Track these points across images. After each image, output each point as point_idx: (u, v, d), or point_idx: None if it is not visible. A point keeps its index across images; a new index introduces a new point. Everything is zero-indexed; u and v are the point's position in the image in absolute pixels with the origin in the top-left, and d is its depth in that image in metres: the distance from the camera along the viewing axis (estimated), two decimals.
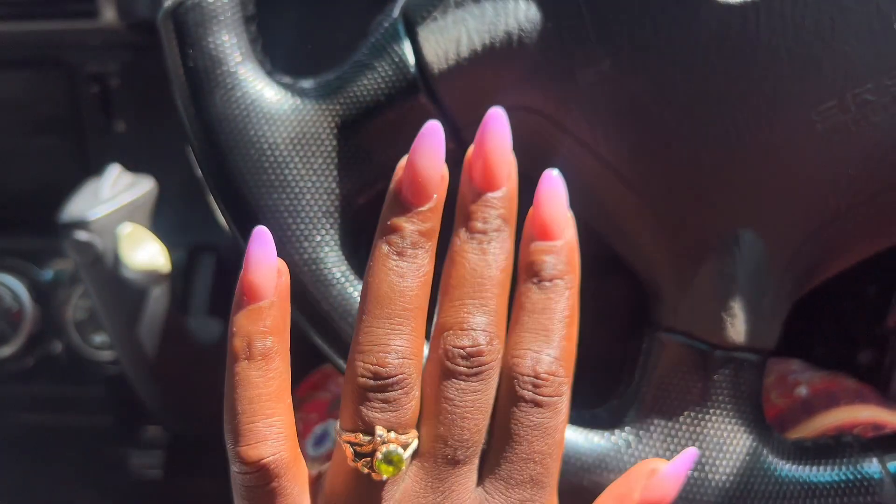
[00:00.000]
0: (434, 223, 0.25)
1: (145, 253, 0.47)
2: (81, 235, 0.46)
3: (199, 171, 0.32)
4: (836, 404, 0.54)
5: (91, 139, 0.63)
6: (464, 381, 0.25)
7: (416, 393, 0.25)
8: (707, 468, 0.31)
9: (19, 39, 0.59)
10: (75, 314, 0.62)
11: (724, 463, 0.32)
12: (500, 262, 0.26)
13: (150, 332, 0.51)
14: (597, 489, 0.31)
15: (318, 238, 0.32)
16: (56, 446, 0.71)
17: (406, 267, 0.25)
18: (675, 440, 0.32)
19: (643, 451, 0.32)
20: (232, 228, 0.32)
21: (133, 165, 0.56)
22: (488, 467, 0.26)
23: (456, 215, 0.26)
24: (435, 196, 0.25)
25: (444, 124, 0.31)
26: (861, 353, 0.82)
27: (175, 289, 0.55)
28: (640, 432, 0.32)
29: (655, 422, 0.32)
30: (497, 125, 0.26)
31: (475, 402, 0.25)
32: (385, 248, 0.25)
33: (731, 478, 0.31)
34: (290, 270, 0.32)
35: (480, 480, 0.26)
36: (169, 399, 0.57)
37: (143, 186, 0.51)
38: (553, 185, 0.26)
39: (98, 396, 0.65)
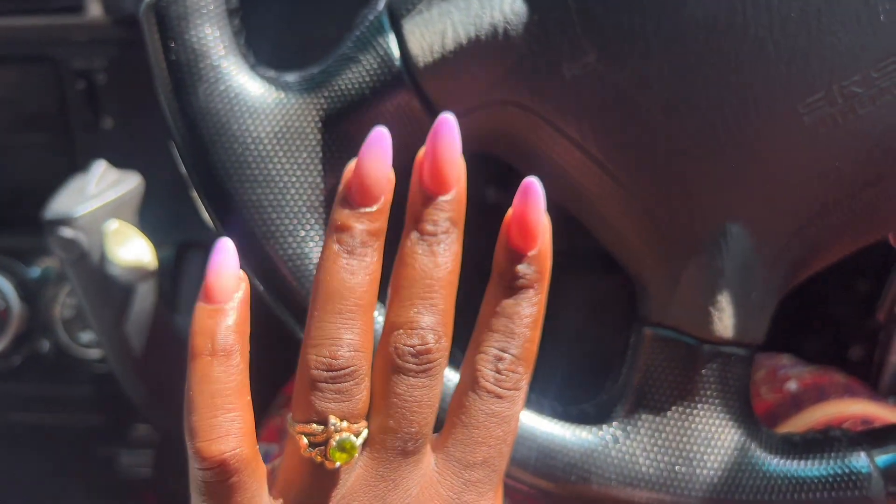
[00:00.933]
0: (382, 223, 0.26)
1: (132, 249, 0.47)
2: (66, 232, 0.45)
3: (183, 167, 0.32)
4: (825, 399, 0.54)
5: (77, 136, 0.62)
6: (413, 377, 0.26)
7: (367, 385, 0.26)
8: (695, 463, 0.31)
9: (4, 35, 0.59)
10: (63, 312, 0.61)
11: (713, 458, 0.31)
12: (448, 264, 0.26)
13: (137, 329, 0.51)
14: (586, 484, 0.31)
15: (303, 233, 0.32)
16: (44, 445, 0.71)
17: (356, 265, 0.26)
18: (663, 435, 0.32)
19: (631, 445, 0.32)
20: (216, 224, 0.32)
21: (120, 162, 0.55)
22: (443, 451, 0.27)
23: (406, 217, 0.27)
24: (382, 198, 0.26)
25: (428, 118, 0.31)
26: (851, 348, 0.82)
27: (163, 286, 0.55)
28: (628, 427, 0.32)
29: (643, 417, 0.32)
30: (447, 129, 0.26)
31: (423, 397, 0.26)
32: (336, 246, 0.26)
33: (720, 472, 0.31)
34: (275, 266, 0.32)
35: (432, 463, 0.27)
36: (157, 397, 0.57)
37: (129, 183, 0.50)
38: (532, 193, 0.27)
39: (86, 395, 0.65)
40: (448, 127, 0.26)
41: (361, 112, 0.31)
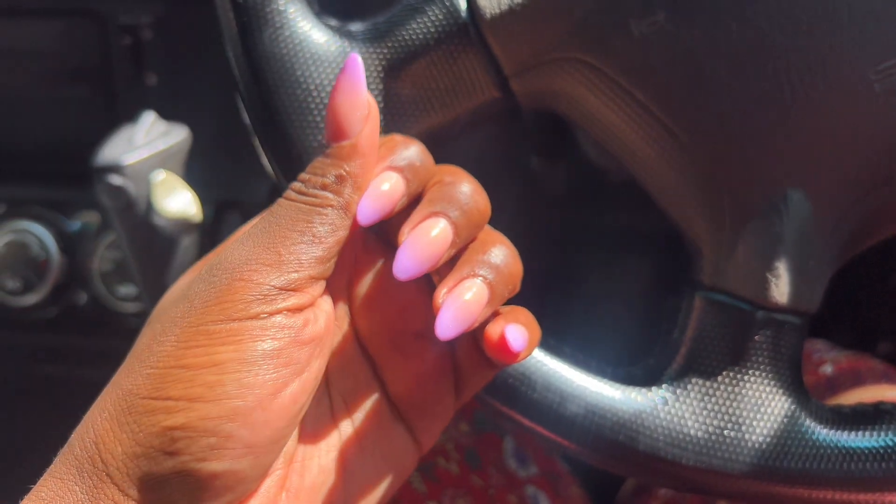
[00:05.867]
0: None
1: (178, 201, 0.47)
2: (115, 180, 0.46)
3: (245, 111, 0.32)
4: (861, 383, 0.54)
5: (120, 91, 0.63)
6: None
7: None
8: (744, 428, 0.31)
9: None
10: (101, 265, 0.62)
11: (762, 424, 0.31)
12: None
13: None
14: (633, 444, 0.31)
15: None
16: (76, 398, 0.72)
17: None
18: (713, 399, 0.32)
19: (680, 408, 0.32)
20: (275, 168, 0.32)
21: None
22: None
23: None
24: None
25: (490, 72, 0.31)
26: (879, 344, 0.81)
27: (203, 245, 0.55)
28: (678, 390, 0.32)
29: (693, 380, 0.32)
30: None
31: None
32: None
33: (768, 439, 0.31)
34: None
35: None
36: None
37: (177, 134, 0.51)
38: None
39: (122, 349, 0.65)
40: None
41: (425, 62, 0.31)
